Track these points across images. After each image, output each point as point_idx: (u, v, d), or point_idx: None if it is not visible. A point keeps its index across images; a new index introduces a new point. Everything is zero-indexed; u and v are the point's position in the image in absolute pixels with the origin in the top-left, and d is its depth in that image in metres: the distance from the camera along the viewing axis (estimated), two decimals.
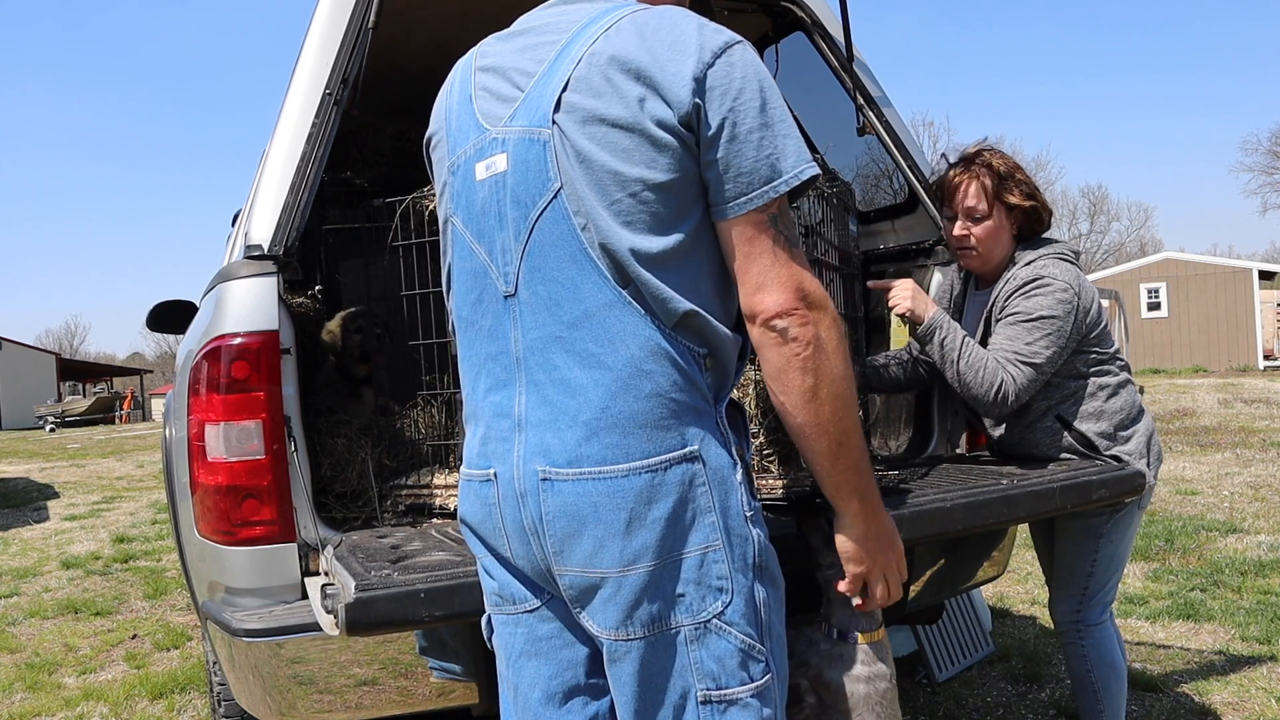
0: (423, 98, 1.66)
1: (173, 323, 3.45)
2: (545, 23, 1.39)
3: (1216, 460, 8.33)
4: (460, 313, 1.44)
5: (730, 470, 1.31)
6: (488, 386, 1.37)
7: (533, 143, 1.30)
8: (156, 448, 16.08)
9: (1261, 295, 22.81)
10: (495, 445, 1.35)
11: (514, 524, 1.33)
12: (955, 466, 2.50)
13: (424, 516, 2.21)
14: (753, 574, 1.31)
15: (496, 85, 1.38)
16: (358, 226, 2.56)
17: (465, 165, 1.39)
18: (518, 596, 1.39)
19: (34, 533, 7.95)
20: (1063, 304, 2.26)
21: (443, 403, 2.44)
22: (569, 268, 1.28)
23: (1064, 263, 2.34)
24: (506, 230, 1.33)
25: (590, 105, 1.26)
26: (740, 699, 1.29)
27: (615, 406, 1.26)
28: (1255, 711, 3.14)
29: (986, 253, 2.41)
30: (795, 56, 2.94)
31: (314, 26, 2.27)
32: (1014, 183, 2.37)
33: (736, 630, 1.29)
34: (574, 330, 1.28)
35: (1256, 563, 4.88)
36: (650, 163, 1.24)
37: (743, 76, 1.26)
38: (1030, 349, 2.25)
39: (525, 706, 1.40)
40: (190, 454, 2.03)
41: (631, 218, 1.25)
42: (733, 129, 1.25)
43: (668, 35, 1.26)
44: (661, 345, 1.27)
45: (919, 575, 2.54)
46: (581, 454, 1.26)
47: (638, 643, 1.28)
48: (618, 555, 1.25)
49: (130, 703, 3.73)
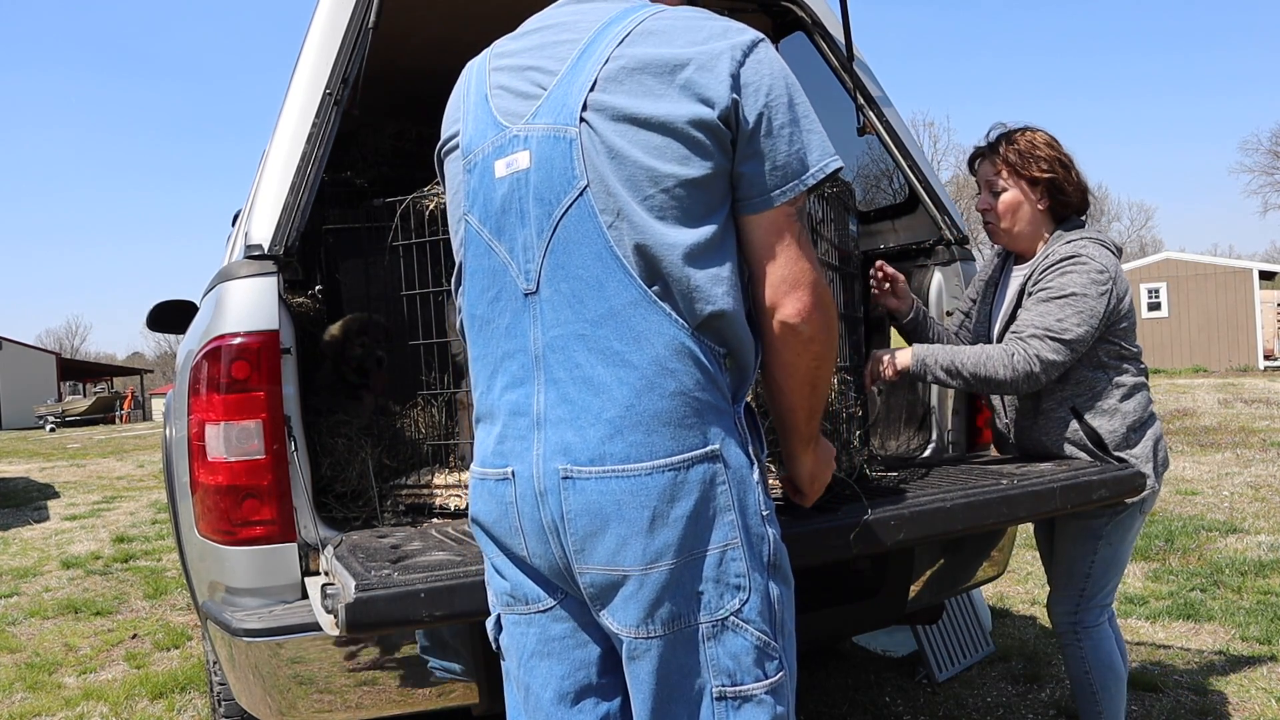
0: (423, 97, 1.67)
1: (173, 323, 3.45)
2: (561, 22, 1.39)
3: (1216, 460, 8.33)
4: (474, 310, 1.43)
5: (748, 470, 1.33)
6: (504, 384, 1.37)
7: (558, 140, 1.30)
8: (156, 448, 16.08)
9: (1261, 295, 22.79)
10: (513, 444, 1.34)
11: (532, 523, 1.33)
12: (955, 466, 2.50)
13: (424, 516, 2.21)
14: (768, 572, 1.33)
15: (515, 83, 1.38)
16: (358, 226, 2.56)
17: (483, 163, 1.38)
18: (531, 596, 1.39)
19: (34, 532, 7.95)
20: (1096, 284, 2.27)
21: (443, 403, 2.44)
22: (594, 265, 1.28)
23: (1103, 247, 2.35)
24: (528, 227, 1.33)
25: (621, 103, 1.27)
26: (755, 695, 1.31)
27: (640, 404, 1.26)
28: (1255, 711, 3.14)
29: (1009, 226, 2.46)
30: (795, 56, 2.94)
31: (314, 26, 2.27)
32: (1033, 158, 2.41)
33: (753, 628, 1.30)
34: (598, 328, 1.28)
35: (1256, 563, 4.88)
36: (684, 159, 1.26)
37: (771, 73, 1.31)
38: (1061, 325, 2.26)
39: (537, 706, 1.40)
40: (190, 454, 2.03)
41: (664, 213, 1.27)
42: (768, 124, 1.29)
43: (696, 35, 1.29)
44: (686, 344, 1.28)
45: (919, 575, 2.54)
46: (605, 452, 1.26)
47: (657, 640, 1.29)
48: (640, 553, 1.26)
49: (130, 703, 3.73)
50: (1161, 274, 23.67)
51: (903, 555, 2.44)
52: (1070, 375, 2.37)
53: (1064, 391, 2.39)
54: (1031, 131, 2.48)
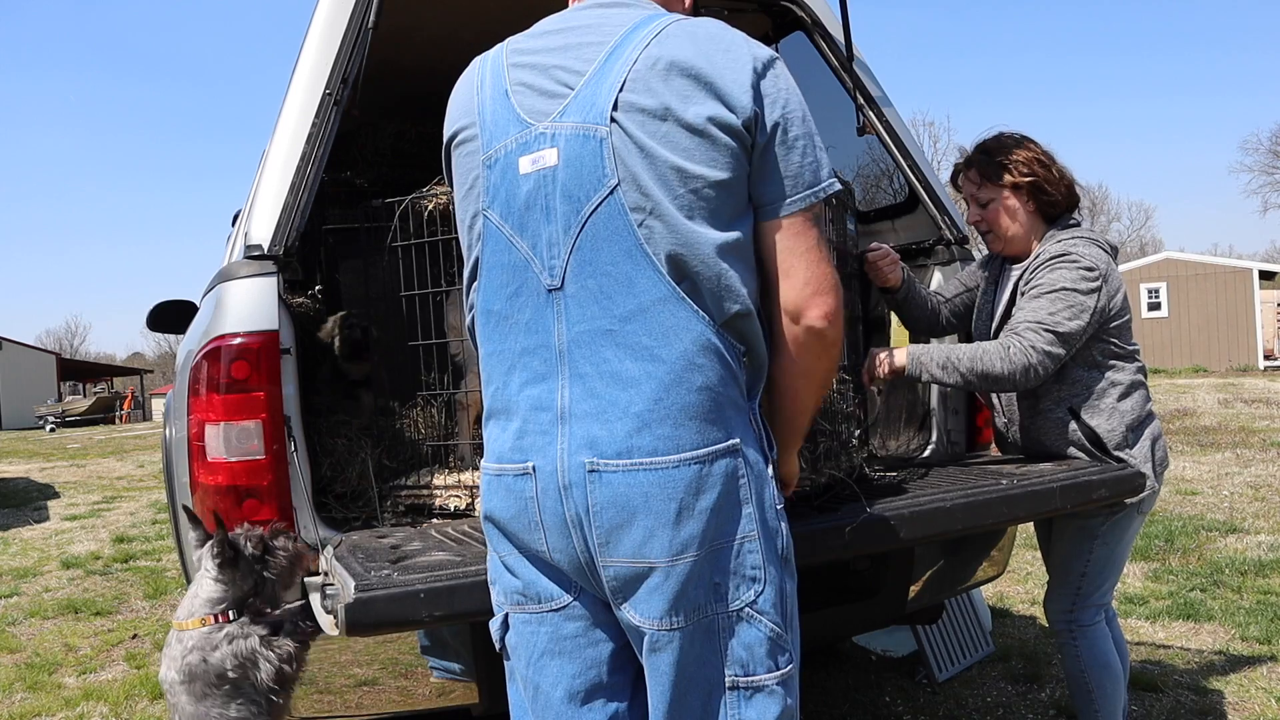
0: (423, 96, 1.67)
1: (173, 323, 3.44)
2: (586, 24, 1.41)
3: (1216, 460, 8.33)
4: (491, 306, 1.43)
5: (764, 464, 1.36)
6: (523, 380, 1.37)
7: (588, 139, 1.31)
8: (156, 448, 16.08)
9: (1261, 295, 22.78)
10: (534, 438, 1.35)
11: (554, 517, 1.33)
12: (955, 466, 2.50)
13: (424, 517, 2.21)
14: (782, 565, 1.36)
15: (539, 81, 1.38)
16: (358, 226, 2.55)
17: (505, 159, 1.38)
18: (544, 594, 1.40)
19: (34, 533, 7.95)
20: (1086, 280, 2.28)
21: (443, 403, 2.44)
22: (623, 262, 1.30)
23: (1094, 245, 2.36)
24: (554, 224, 1.34)
25: (651, 104, 1.30)
26: (767, 686, 1.33)
27: (668, 399, 1.28)
28: (1255, 711, 3.14)
29: (1002, 235, 2.48)
30: (795, 56, 2.93)
31: (314, 26, 2.27)
32: (1010, 163, 2.42)
33: (767, 619, 1.33)
34: (627, 324, 1.30)
35: (1256, 563, 4.88)
36: (711, 161, 1.30)
37: (787, 88, 1.36)
38: (1053, 318, 2.27)
39: (546, 705, 1.40)
40: (190, 454, 2.03)
41: (692, 212, 1.30)
42: (784, 134, 1.34)
43: (720, 44, 1.34)
44: (712, 341, 1.31)
45: (919, 575, 2.54)
46: (633, 445, 1.28)
47: (679, 632, 1.31)
48: (667, 545, 1.28)
49: (130, 703, 3.73)
50: (1161, 274, 23.66)
51: (903, 555, 2.44)
52: (1067, 375, 2.37)
53: (1061, 391, 2.39)
54: (1005, 136, 2.48)
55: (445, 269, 2.18)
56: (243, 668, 1.70)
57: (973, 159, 2.49)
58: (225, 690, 1.70)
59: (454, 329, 2.32)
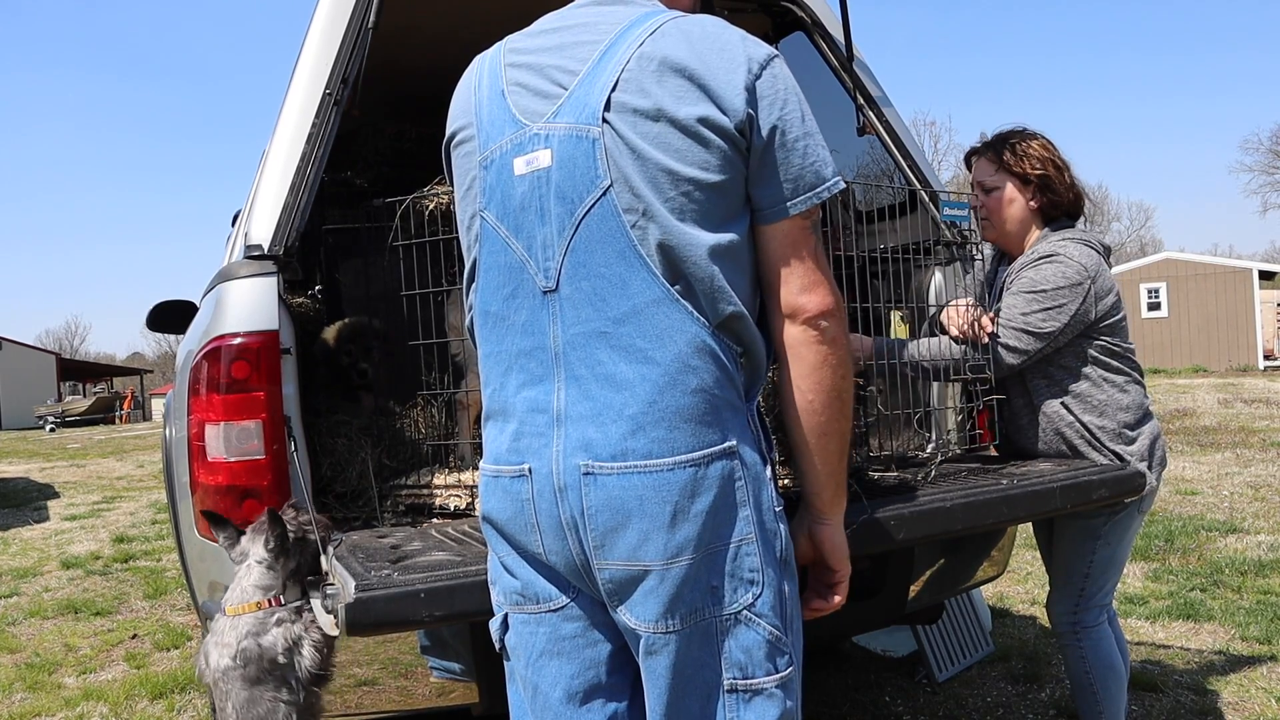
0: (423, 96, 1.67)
1: (173, 323, 3.44)
2: (581, 23, 1.40)
3: (1216, 460, 8.33)
4: (488, 308, 1.42)
5: (762, 466, 1.35)
6: (520, 382, 1.37)
7: (580, 140, 1.30)
8: (156, 448, 16.08)
9: (1261, 295, 22.79)
10: (530, 440, 1.35)
11: (549, 519, 1.33)
12: (955, 466, 2.50)
13: (424, 516, 2.21)
14: (780, 567, 1.35)
15: (534, 81, 1.38)
16: (358, 226, 2.56)
17: (500, 160, 1.38)
18: (542, 595, 1.39)
19: (34, 533, 7.95)
20: (1070, 280, 2.29)
21: (443, 403, 2.44)
22: (617, 264, 1.29)
23: (1085, 247, 2.37)
24: (549, 225, 1.33)
25: (642, 105, 1.28)
26: (765, 689, 1.32)
27: (663, 401, 1.28)
28: (1255, 711, 3.14)
29: (999, 224, 2.50)
30: (795, 56, 2.93)
31: (314, 26, 2.27)
32: (1026, 156, 2.45)
33: (765, 622, 1.32)
34: (621, 326, 1.29)
35: (1256, 563, 4.88)
36: (703, 164, 1.28)
37: (785, 88, 1.33)
38: (1026, 318, 2.30)
39: (545, 706, 1.40)
40: (190, 454, 2.03)
41: (684, 214, 1.28)
42: (782, 136, 1.31)
43: (715, 43, 1.31)
44: (707, 342, 1.30)
45: (919, 575, 2.54)
46: (627, 448, 1.27)
47: (675, 635, 1.30)
48: (662, 548, 1.27)
49: (130, 703, 3.73)
50: (1161, 274, 23.66)
51: (903, 555, 2.44)
52: (1063, 374, 2.38)
53: (1057, 390, 2.39)
54: (1028, 131, 2.52)
55: (446, 269, 2.18)
56: (290, 652, 1.72)
57: (992, 143, 2.52)
58: (276, 675, 1.71)
59: (454, 329, 2.32)
